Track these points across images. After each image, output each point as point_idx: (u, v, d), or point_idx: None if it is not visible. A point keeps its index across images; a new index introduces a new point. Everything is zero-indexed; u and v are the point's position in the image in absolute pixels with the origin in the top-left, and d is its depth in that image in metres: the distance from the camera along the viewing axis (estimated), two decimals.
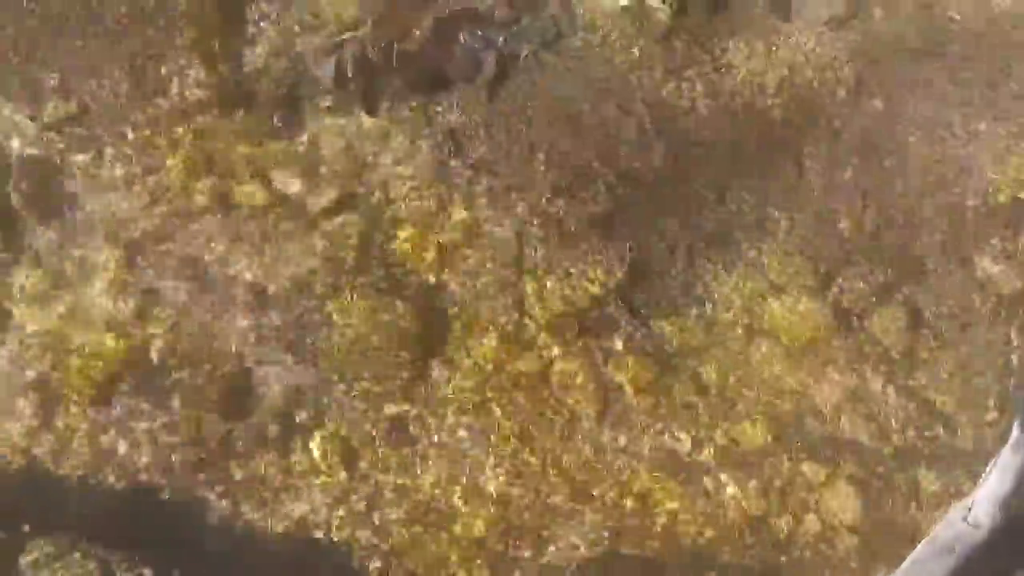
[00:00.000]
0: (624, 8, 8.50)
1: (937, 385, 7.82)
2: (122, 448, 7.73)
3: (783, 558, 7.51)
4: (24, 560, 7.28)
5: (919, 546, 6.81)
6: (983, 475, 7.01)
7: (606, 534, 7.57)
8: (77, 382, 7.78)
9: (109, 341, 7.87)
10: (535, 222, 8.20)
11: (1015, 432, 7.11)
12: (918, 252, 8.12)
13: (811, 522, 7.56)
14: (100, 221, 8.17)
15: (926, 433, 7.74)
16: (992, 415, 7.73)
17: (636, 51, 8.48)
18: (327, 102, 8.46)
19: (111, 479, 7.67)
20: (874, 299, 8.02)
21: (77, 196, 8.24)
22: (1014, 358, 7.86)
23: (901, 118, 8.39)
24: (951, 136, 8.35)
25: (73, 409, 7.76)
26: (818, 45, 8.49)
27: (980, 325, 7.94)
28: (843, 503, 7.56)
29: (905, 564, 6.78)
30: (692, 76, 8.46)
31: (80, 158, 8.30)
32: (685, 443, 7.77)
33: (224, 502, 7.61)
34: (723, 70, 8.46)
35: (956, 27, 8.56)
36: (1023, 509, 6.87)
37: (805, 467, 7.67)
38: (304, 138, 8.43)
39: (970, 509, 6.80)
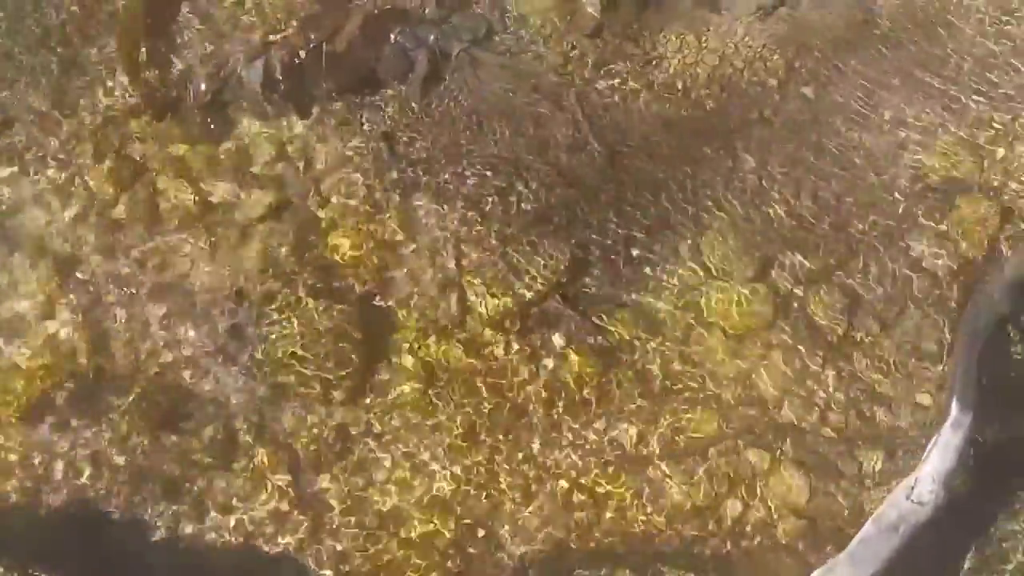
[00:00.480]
0: (554, 4, 8.48)
1: (876, 367, 7.91)
2: (59, 467, 7.55)
3: (732, 544, 7.55)
4: None
5: (864, 525, 6.90)
6: (924, 454, 7.13)
7: (559, 529, 7.56)
8: (8, 401, 7.58)
9: (40, 358, 7.69)
10: (473, 220, 8.16)
11: (953, 410, 7.24)
12: (853, 236, 8.22)
13: (758, 508, 7.61)
14: (27, 236, 7.97)
15: (867, 415, 7.83)
16: (931, 395, 7.85)
17: (567, 46, 8.48)
18: (256, 106, 8.34)
19: (51, 500, 7.48)
20: (811, 284, 8.11)
21: (3, 210, 8.03)
22: (949, 337, 7.98)
23: (831, 105, 8.49)
24: (880, 120, 8.48)
25: (5, 429, 7.56)
26: (747, 35, 8.57)
27: (916, 306, 8.05)
28: (788, 488, 7.62)
29: (851, 544, 6.87)
30: (623, 70, 8.49)
31: (4, 172, 8.10)
32: (631, 435, 7.78)
33: (168, 518, 7.46)
34: (654, 63, 8.50)
35: (882, 13, 8.68)
36: (965, 486, 7.01)
37: (750, 454, 7.72)
38: (234, 143, 8.31)
39: (913, 488, 6.91)
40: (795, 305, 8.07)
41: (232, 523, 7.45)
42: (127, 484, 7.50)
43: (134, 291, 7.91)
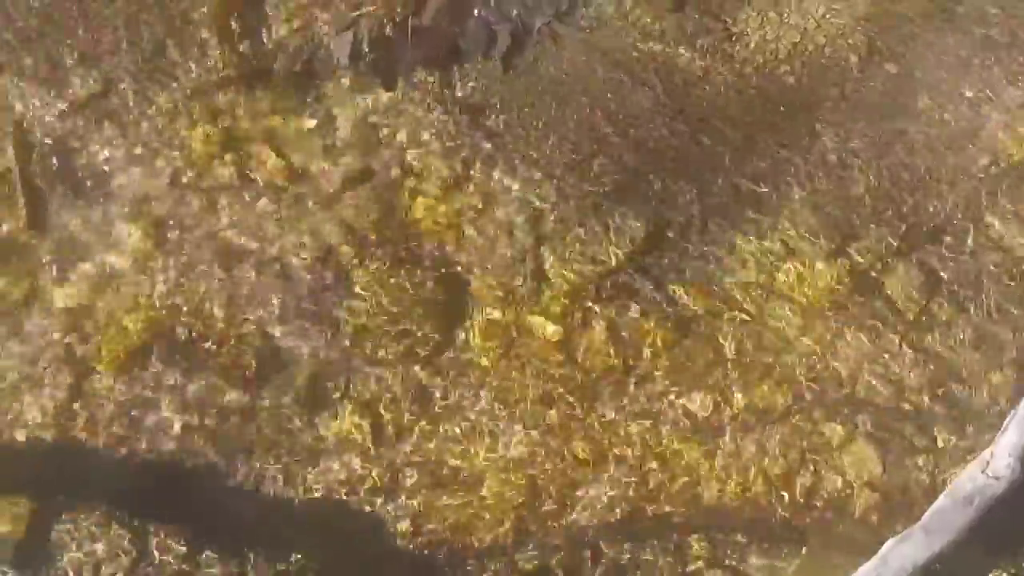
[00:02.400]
0: None
1: (953, 344, 7.91)
2: (151, 419, 7.85)
3: (804, 515, 7.61)
4: (58, 530, 7.43)
5: (939, 498, 6.92)
6: (1001, 428, 7.13)
7: (629, 494, 7.68)
8: (105, 355, 7.91)
9: (136, 315, 8.00)
10: (551, 192, 8.31)
11: None
12: (932, 214, 8.22)
13: (831, 480, 7.65)
14: (124, 197, 8.29)
15: (943, 392, 7.82)
16: (1008, 373, 7.82)
17: (649, 21, 8.58)
18: (344, 77, 8.57)
19: (141, 450, 7.78)
20: (889, 261, 8.12)
21: (101, 173, 8.37)
22: None
23: (912, 82, 8.48)
24: (962, 99, 8.45)
25: (102, 381, 7.88)
26: (829, 12, 8.58)
27: (994, 284, 8.03)
28: (862, 461, 7.66)
29: (925, 516, 6.89)
30: (705, 45, 8.56)
31: (103, 135, 8.43)
32: (705, 405, 7.87)
33: (253, 470, 7.72)
34: (735, 38, 8.56)
35: None
36: None
37: (824, 427, 7.77)
38: (322, 113, 8.54)
39: (989, 462, 6.91)
40: (872, 282, 8.09)
41: (315, 477, 7.69)
42: (214, 437, 7.78)
43: (225, 252, 8.18)
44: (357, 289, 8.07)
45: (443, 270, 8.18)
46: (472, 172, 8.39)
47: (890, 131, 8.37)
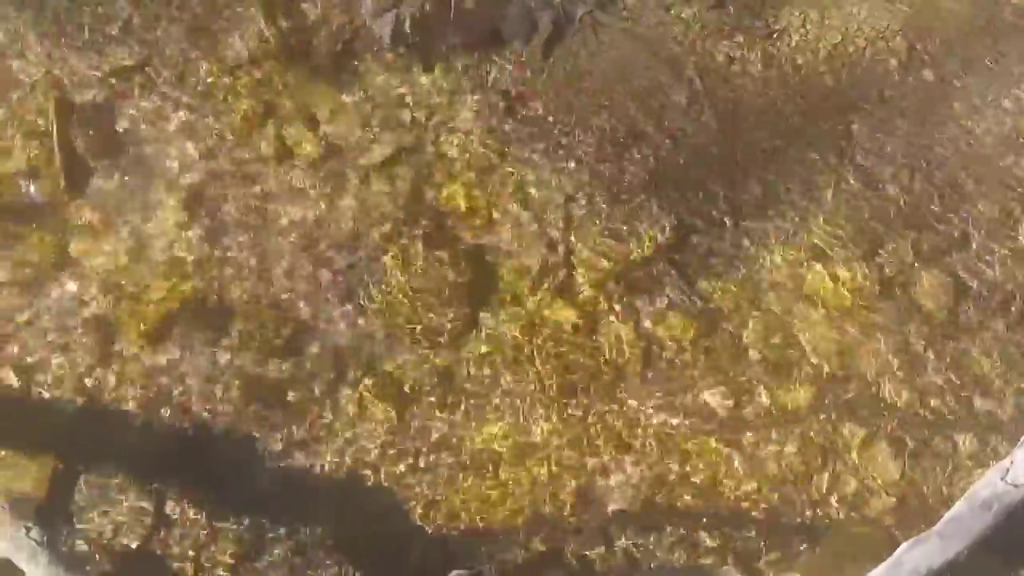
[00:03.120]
0: None
1: (979, 352, 7.90)
2: (177, 387, 7.94)
3: (821, 515, 7.63)
4: (79, 495, 7.53)
5: (957, 503, 6.91)
6: (1022, 436, 7.12)
7: (647, 486, 7.72)
8: (135, 321, 8.01)
9: (167, 282, 8.09)
10: (585, 180, 8.34)
11: None
12: (963, 221, 8.20)
13: (849, 481, 7.67)
14: (162, 166, 8.38)
15: (966, 399, 7.82)
16: None
17: (690, 14, 8.60)
18: (384, 58, 8.62)
19: (166, 417, 7.88)
20: (918, 266, 8.11)
21: (140, 142, 8.45)
22: None
23: (951, 89, 8.46)
24: (999, 108, 8.42)
25: (130, 347, 7.97)
26: (871, 15, 8.57)
27: (1022, 293, 8.01)
28: (882, 464, 7.67)
29: (942, 521, 6.89)
30: (744, 41, 8.56)
31: (143, 105, 8.50)
32: (726, 401, 7.90)
33: (275, 443, 7.80)
34: (775, 36, 8.55)
35: (1008, 1, 8.61)
36: None
37: (845, 428, 7.78)
38: (360, 92, 8.60)
39: (1008, 469, 6.90)
40: (901, 285, 8.09)
41: (336, 452, 7.77)
42: (240, 408, 7.86)
43: (258, 227, 8.25)
44: (386, 268, 8.13)
45: (472, 253, 8.23)
46: (506, 157, 8.42)
47: (926, 137, 8.36)
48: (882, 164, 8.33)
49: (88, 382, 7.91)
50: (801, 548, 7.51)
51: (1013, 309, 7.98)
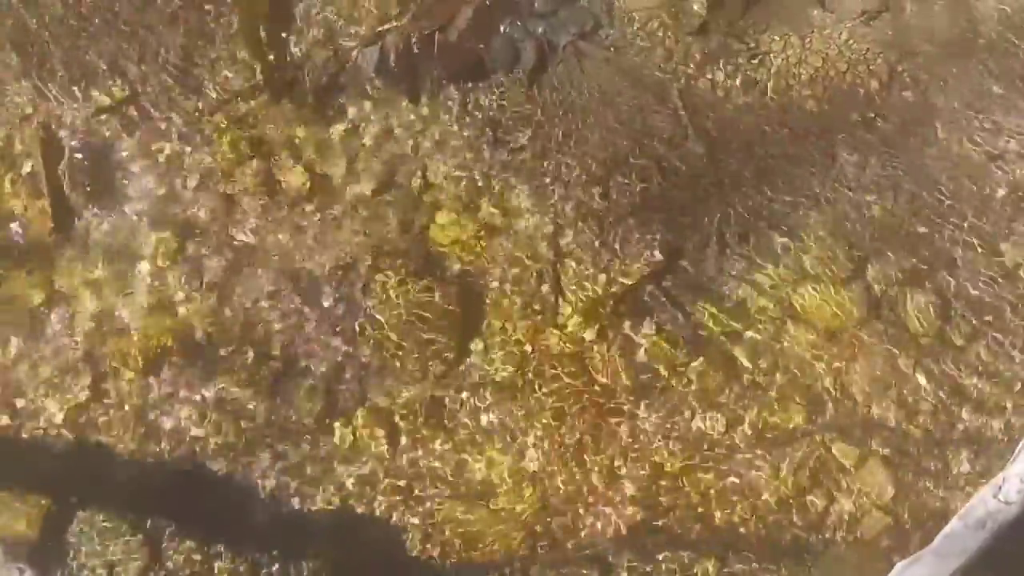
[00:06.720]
0: (660, 0, 8.67)
1: (967, 370, 7.95)
2: (168, 423, 7.94)
3: (815, 537, 7.65)
4: (72, 531, 7.49)
5: (951, 522, 6.94)
6: (1014, 453, 7.15)
7: (640, 512, 7.73)
8: (126, 358, 8.00)
9: (156, 319, 8.09)
10: (572, 209, 8.38)
11: None
12: (948, 240, 8.26)
13: (842, 502, 7.70)
14: (149, 203, 8.39)
15: (956, 417, 7.87)
16: (1021, 399, 7.85)
17: (672, 42, 8.66)
18: (370, 91, 8.66)
19: (158, 453, 7.87)
20: (905, 286, 8.16)
21: (126, 179, 8.47)
22: None
23: (932, 110, 8.53)
24: (980, 128, 8.49)
25: (122, 384, 7.98)
26: (851, 38, 8.65)
27: (1009, 312, 8.07)
28: (874, 484, 7.70)
29: (937, 539, 6.91)
30: (727, 67, 8.63)
31: (129, 142, 8.53)
32: (718, 424, 7.92)
33: (268, 477, 7.81)
34: (758, 61, 8.63)
35: (987, 22, 8.69)
36: None
37: (836, 449, 7.81)
38: (346, 125, 8.63)
39: (1000, 487, 6.93)
40: (888, 306, 8.13)
41: (329, 484, 7.77)
42: (232, 442, 7.86)
43: (247, 261, 8.27)
44: (375, 299, 8.14)
45: (461, 283, 8.25)
46: (493, 187, 8.46)
47: (908, 158, 8.43)
48: (866, 185, 8.39)
49: (80, 419, 7.91)
50: (797, 570, 7.52)
51: (999, 327, 8.03)
